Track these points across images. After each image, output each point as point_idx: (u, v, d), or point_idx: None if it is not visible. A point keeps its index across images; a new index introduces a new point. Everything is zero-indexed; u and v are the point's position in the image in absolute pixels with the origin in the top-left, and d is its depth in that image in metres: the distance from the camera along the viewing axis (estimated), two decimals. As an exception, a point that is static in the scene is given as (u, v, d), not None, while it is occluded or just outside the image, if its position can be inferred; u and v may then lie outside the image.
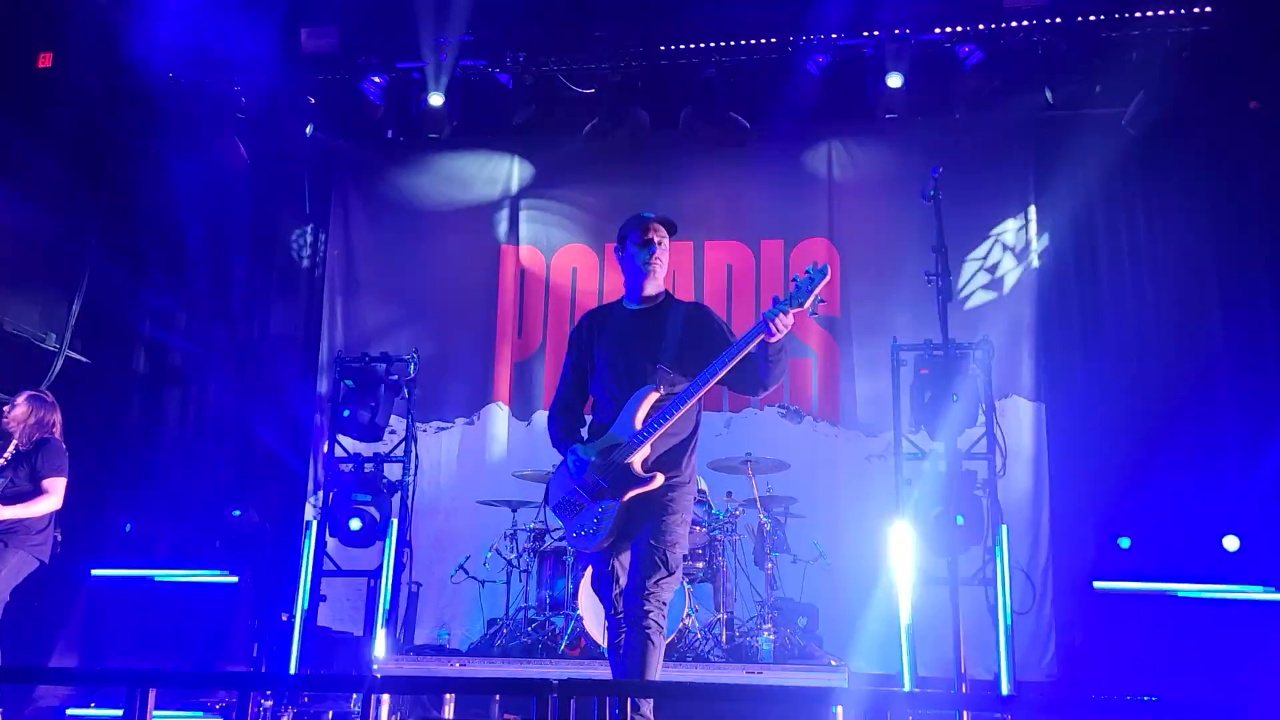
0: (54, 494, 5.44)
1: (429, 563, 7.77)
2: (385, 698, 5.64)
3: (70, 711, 6.13)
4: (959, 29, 7.08)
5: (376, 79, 7.64)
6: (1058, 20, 6.96)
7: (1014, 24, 7.03)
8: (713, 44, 7.41)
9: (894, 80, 7.13)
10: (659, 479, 3.69)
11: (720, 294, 8.09)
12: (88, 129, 7.45)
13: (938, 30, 7.14)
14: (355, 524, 7.09)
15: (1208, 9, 6.72)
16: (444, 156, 8.50)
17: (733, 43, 7.35)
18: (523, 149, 8.53)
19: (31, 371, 7.48)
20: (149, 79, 7.24)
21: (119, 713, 6.00)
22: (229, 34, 7.06)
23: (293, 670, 6.45)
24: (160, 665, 6.27)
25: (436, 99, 7.56)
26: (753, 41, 7.32)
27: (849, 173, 7.91)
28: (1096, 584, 6.29)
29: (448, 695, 5.97)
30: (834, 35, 7.18)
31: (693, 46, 7.44)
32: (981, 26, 7.04)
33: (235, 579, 6.88)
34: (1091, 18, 6.93)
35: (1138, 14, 6.86)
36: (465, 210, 8.46)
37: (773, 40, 7.33)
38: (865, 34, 7.20)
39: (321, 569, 7.14)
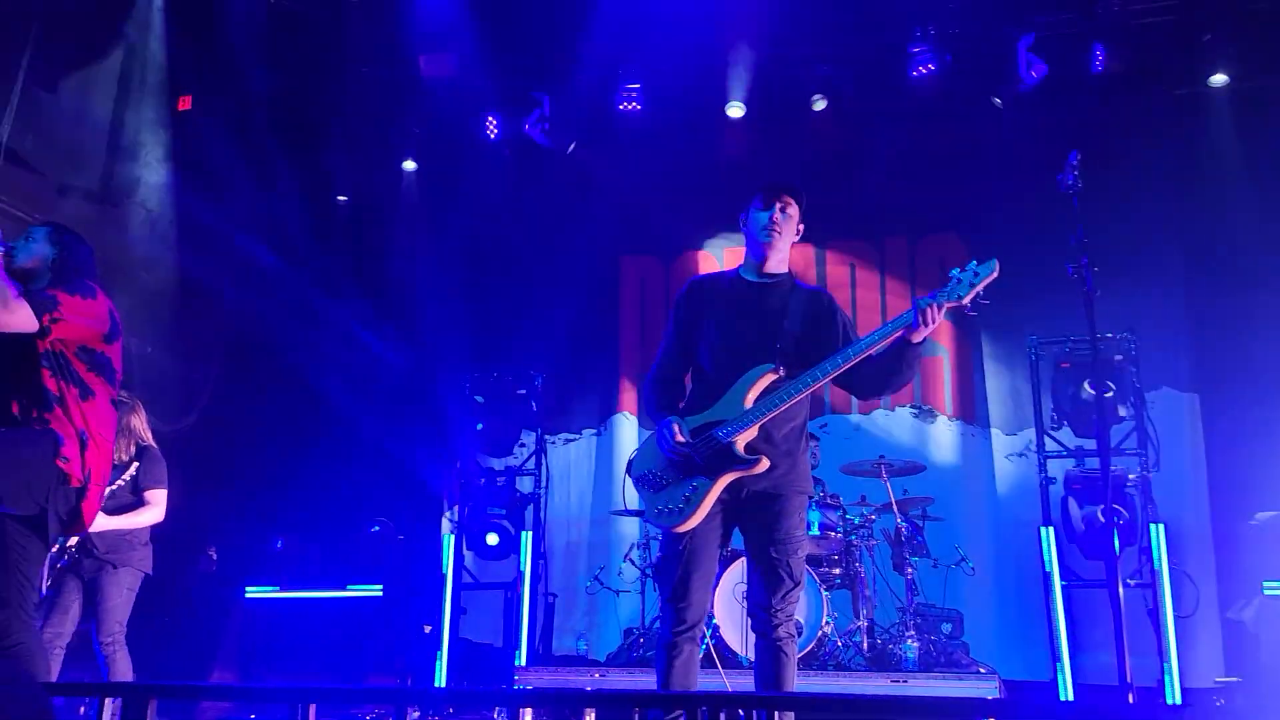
0: (157, 505, 5.18)
1: (563, 573, 7.85)
2: (528, 711, 5.70)
3: (230, 725, 6.41)
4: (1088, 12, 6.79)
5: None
6: None
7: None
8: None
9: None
10: (764, 463, 3.37)
11: (844, 298, 7.91)
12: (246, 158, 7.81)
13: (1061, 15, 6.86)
14: (493, 539, 7.20)
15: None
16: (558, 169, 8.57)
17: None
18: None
19: (180, 399, 7.86)
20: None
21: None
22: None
23: (440, 682, 6.59)
24: (310, 677, 6.49)
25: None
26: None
27: (978, 161, 7.64)
28: (1267, 585, 5.91)
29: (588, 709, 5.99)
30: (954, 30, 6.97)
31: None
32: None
33: (379, 592, 7.09)
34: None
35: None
36: (584, 222, 8.52)
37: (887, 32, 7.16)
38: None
39: (461, 582, 7.27)
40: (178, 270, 7.77)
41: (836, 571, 6.42)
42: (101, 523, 4.93)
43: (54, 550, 5.15)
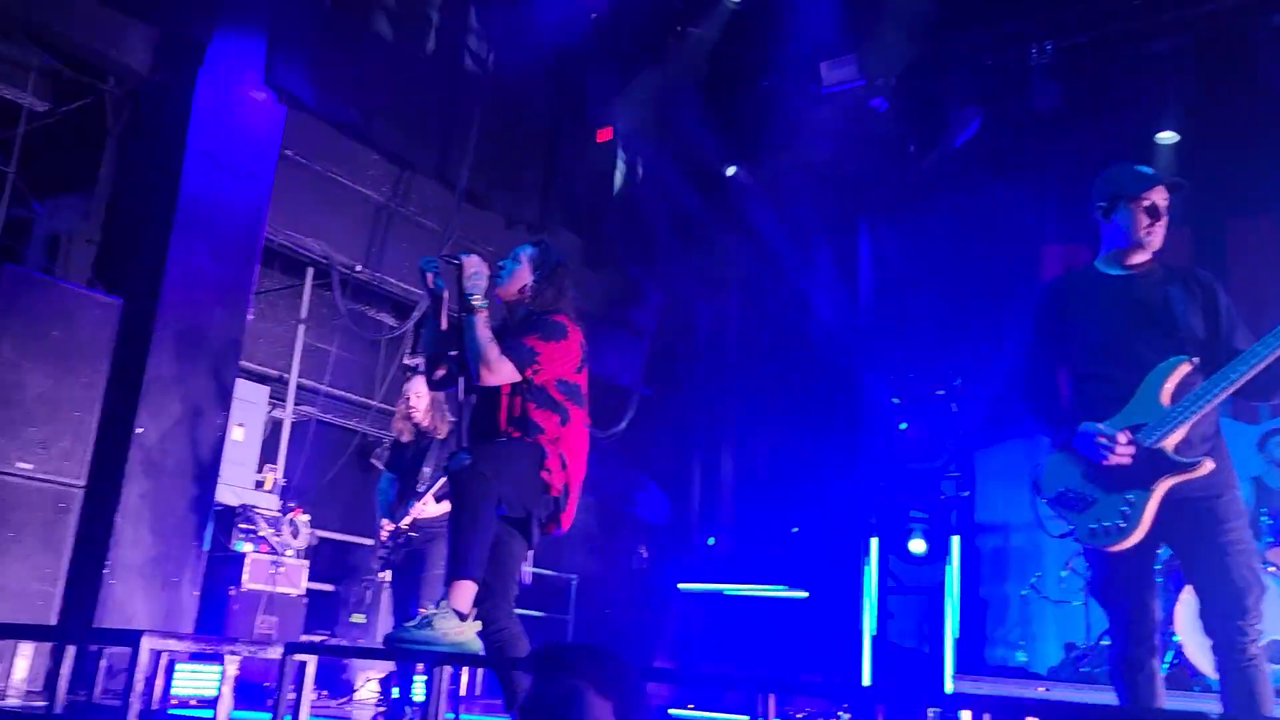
0: None
1: (994, 580, 7.53)
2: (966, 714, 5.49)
3: (671, 711, 6.79)
4: None
5: None
6: None
7: None
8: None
9: None
10: (1208, 464, 3.07)
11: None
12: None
13: None
14: (918, 545, 7.05)
15: None
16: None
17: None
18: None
19: (614, 410, 8.51)
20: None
21: (713, 715, 6.49)
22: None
23: (866, 683, 6.56)
24: (737, 671, 6.73)
25: None
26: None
27: None
28: None
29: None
30: None
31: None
32: None
33: (805, 594, 7.19)
34: None
35: None
36: (1003, 210, 8.12)
37: None
38: None
39: (885, 586, 7.19)
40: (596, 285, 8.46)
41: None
42: (432, 509, 5.22)
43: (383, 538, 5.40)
